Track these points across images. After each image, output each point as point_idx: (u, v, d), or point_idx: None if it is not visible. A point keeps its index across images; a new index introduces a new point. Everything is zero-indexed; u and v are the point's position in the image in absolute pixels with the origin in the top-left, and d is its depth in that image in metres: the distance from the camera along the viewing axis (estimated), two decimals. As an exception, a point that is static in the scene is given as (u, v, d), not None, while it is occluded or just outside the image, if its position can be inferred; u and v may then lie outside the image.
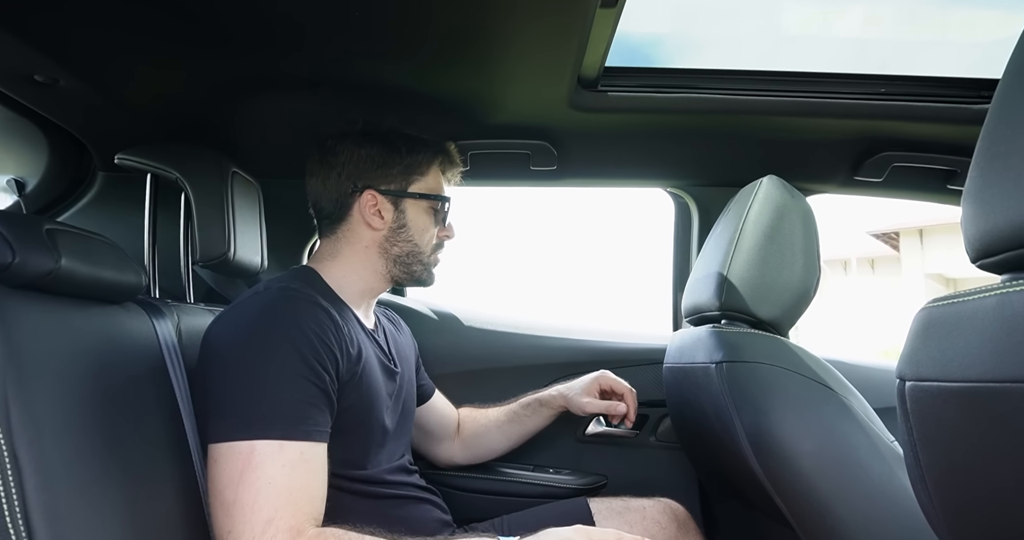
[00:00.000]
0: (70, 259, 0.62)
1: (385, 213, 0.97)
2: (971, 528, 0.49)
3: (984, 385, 0.42)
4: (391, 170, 0.98)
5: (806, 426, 0.85)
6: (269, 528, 0.68)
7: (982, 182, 0.45)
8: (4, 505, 0.49)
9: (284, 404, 0.74)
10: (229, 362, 0.77)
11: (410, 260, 0.99)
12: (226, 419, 0.73)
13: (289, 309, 0.82)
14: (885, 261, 12.45)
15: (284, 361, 0.76)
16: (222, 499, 0.70)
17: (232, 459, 0.71)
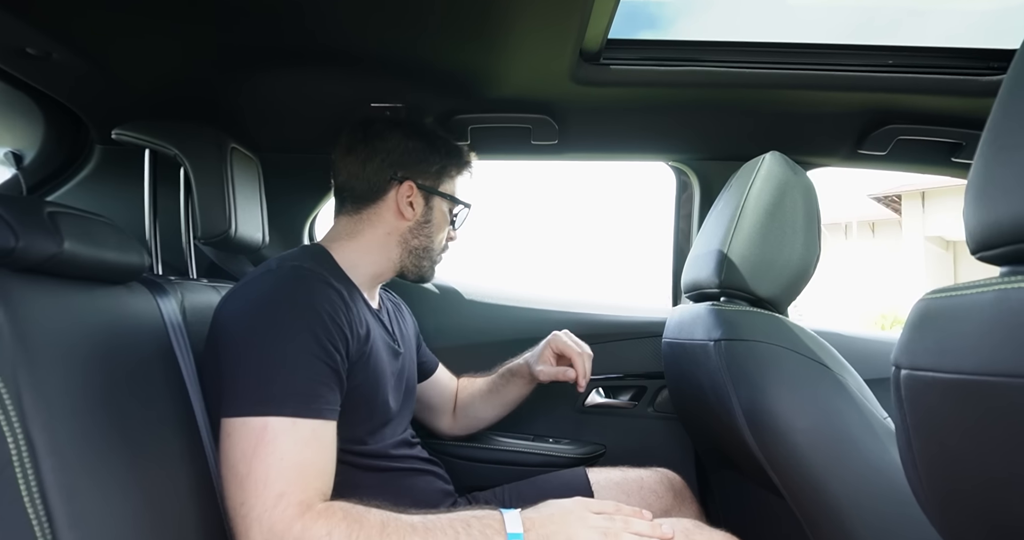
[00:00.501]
0: (73, 242, 0.62)
1: (416, 206, 1.00)
2: (958, 511, 0.51)
3: (977, 378, 0.43)
4: (430, 168, 1.01)
5: (801, 403, 0.87)
6: (280, 502, 0.70)
7: (986, 175, 0.45)
8: (22, 486, 0.50)
9: (297, 383, 0.76)
10: (242, 340, 0.78)
11: (423, 254, 1.02)
12: (240, 395, 0.75)
13: (302, 288, 0.83)
14: (886, 224, 12.43)
15: (298, 341, 0.77)
16: (235, 472, 0.72)
17: (246, 434, 0.73)
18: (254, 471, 0.71)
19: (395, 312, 1.14)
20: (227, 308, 0.84)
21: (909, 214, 11.44)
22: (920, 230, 11.18)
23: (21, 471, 0.50)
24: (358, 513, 0.74)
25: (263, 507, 0.70)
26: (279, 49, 1.02)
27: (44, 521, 0.50)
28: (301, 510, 0.71)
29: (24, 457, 0.50)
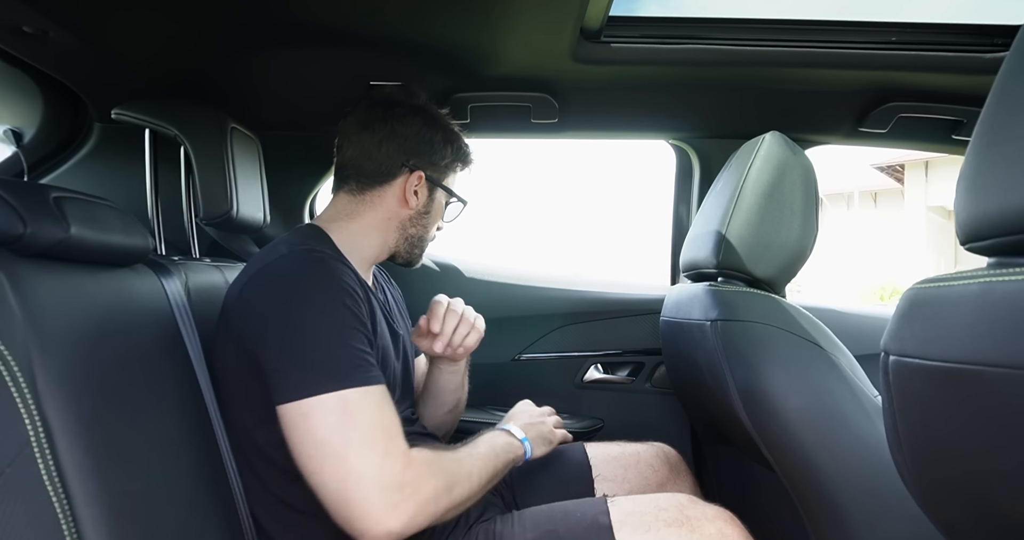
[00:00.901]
0: (79, 227, 0.63)
1: (420, 195, 1.00)
2: (939, 489, 0.53)
3: (961, 366, 0.44)
4: (441, 160, 1.01)
5: (794, 383, 0.89)
6: (387, 460, 0.73)
7: (977, 166, 0.45)
8: (41, 465, 0.51)
9: (355, 355, 0.77)
10: (287, 322, 0.77)
11: (417, 243, 1.03)
12: (306, 376, 0.75)
13: (325, 269, 0.83)
14: (888, 194, 12.36)
15: (341, 318, 0.79)
16: (330, 447, 0.72)
17: (326, 411, 0.73)
18: (351, 440, 0.73)
19: (389, 291, 1.14)
20: (251, 297, 0.82)
21: (912, 184, 11.37)
22: (922, 200, 11.13)
23: (39, 451, 0.51)
24: (436, 451, 0.82)
25: (374, 468, 0.72)
26: (279, 27, 1.01)
27: (63, 499, 0.52)
28: (406, 461, 0.75)
29: (41, 437, 0.52)
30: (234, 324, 0.81)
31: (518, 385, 1.32)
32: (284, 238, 0.94)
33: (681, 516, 0.85)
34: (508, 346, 1.46)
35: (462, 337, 1.05)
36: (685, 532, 0.83)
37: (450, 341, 1.04)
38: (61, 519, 0.51)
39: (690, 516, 0.85)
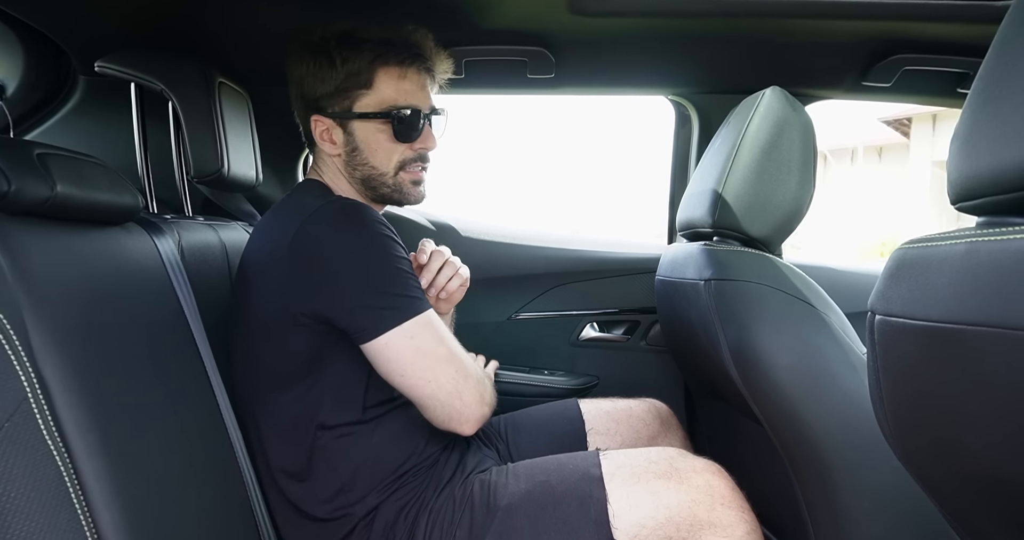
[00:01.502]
0: (65, 184, 0.62)
1: (336, 137, 0.92)
2: (920, 447, 0.55)
3: (944, 326, 0.45)
4: (329, 88, 0.89)
5: (785, 341, 0.90)
6: (468, 356, 0.87)
7: (971, 125, 0.45)
8: (39, 420, 0.52)
9: (411, 286, 0.84)
10: (349, 266, 0.81)
11: (374, 183, 0.95)
12: (397, 305, 0.81)
13: (365, 212, 0.85)
14: (893, 149, 12.19)
15: (395, 256, 0.83)
16: (440, 354, 0.83)
17: (425, 328, 0.82)
18: (452, 346, 0.84)
19: None
20: (307, 248, 0.81)
21: (918, 138, 11.18)
22: (928, 155, 10.97)
23: (36, 406, 0.52)
24: None
25: (469, 362, 0.86)
26: None
27: (64, 452, 0.53)
28: (473, 372, 0.86)
29: (38, 393, 0.52)
30: (278, 278, 0.83)
31: (514, 344, 1.34)
32: (299, 195, 0.94)
33: (671, 468, 0.87)
34: (504, 305, 1.46)
35: (446, 278, 1.06)
36: (674, 483, 0.85)
37: (434, 281, 1.04)
38: (63, 470, 0.52)
39: (679, 468, 0.87)
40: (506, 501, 0.86)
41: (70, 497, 0.53)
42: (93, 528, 0.54)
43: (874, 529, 0.88)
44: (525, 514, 0.85)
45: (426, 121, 0.94)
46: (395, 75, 0.90)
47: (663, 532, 0.83)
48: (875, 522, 0.88)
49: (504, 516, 0.85)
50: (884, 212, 11.06)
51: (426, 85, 0.94)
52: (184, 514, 0.67)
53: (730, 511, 0.84)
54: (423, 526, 0.86)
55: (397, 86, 0.90)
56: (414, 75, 0.92)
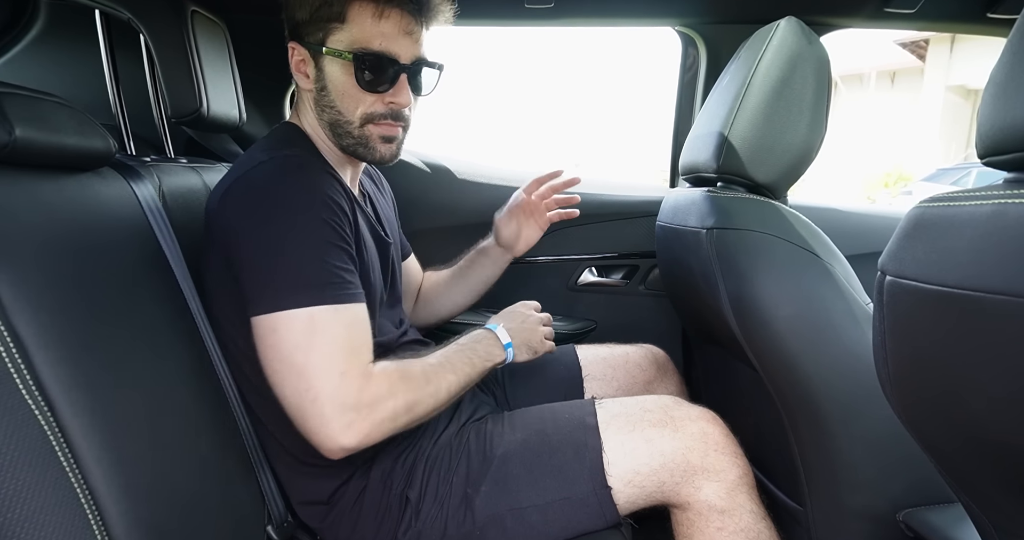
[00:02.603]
0: (25, 128, 0.58)
1: (309, 71, 0.85)
2: (922, 409, 0.54)
3: (960, 292, 0.42)
4: (305, 15, 0.82)
5: (787, 292, 0.88)
6: (345, 378, 0.74)
7: (1008, 71, 0.41)
8: (16, 379, 0.51)
9: (329, 271, 0.75)
10: (261, 235, 0.75)
11: (339, 130, 0.86)
12: (278, 290, 0.74)
13: (305, 178, 0.78)
14: (907, 74, 11.77)
15: (318, 233, 0.76)
16: (292, 362, 0.73)
17: (294, 326, 0.73)
18: (312, 359, 0.73)
19: (377, 194, 1.09)
20: (230, 208, 0.78)
21: (934, 61, 10.77)
22: (943, 79, 10.61)
23: (12, 364, 0.50)
24: (404, 367, 0.81)
25: (332, 386, 0.73)
26: None
27: (47, 412, 0.52)
28: (364, 380, 0.75)
29: (13, 351, 0.51)
30: (216, 232, 0.79)
31: (512, 288, 1.32)
32: (262, 142, 0.89)
33: (666, 416, 0.88)
34: None
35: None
36: (669, 431, 0.86)
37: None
38: (46, 428, 0.52)
39: (674, 416, 0.88)
40: (502, 449, 0.87)
41: (56, 455, 0.52)
42: (84, 483, 0.54)
43: (866, 474, 0.90)
44: (521, 462, 0.86)
45: (402, 73, 0.83)
46: (370, 12, 0.80)
47: (657, 478, 0.84)
48: (867, 467, 0.90)
49: (500, 464, 0.86)
50: (892, 142, 10.82)
51: (413, 31, 0.82)
52: (180, 465, 0.67)
53: (723, 457, 0.85)
54: (420, 473, 0.87)
55: (373, 26, 0.80)
56: (395, 17, 0.81)
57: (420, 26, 0.83)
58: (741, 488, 0.85)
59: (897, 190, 8.85)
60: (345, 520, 0.86)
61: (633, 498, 0.85)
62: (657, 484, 0.84)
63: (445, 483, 0.86)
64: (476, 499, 0.84)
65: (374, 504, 0.86)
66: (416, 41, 0.83)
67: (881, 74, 11.99)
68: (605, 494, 0.83)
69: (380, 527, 0.85)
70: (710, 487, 0.84)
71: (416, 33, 0.83)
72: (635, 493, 0.85)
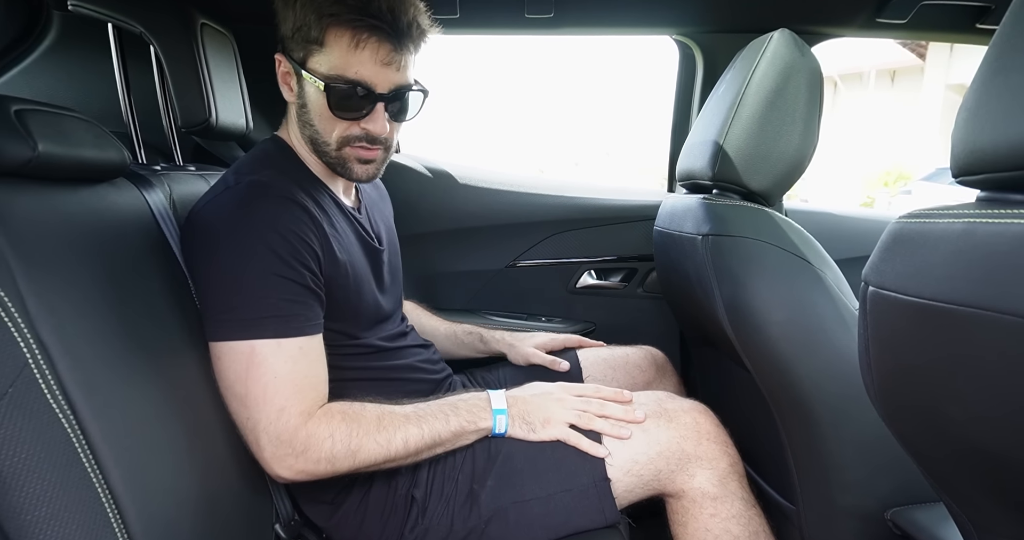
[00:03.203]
0: (47, 144, 0.60)
1: (292, 84, 0.85)
2: (905, 415, 0.56)
3: (936, 304, 0.45)
4: (288, 30, 0.81)
5: (779, 297, 0.91)
6: (282, 415, 0.75)
7: (979, 97, 0.43)
8: (42, 385, 0.53)
9: (274, 304, 0.75)
10: (213, 264, 0.77)
11: (318, 148, 0.87)
12: (222, 321, 0.75)
13: (261, 210, 0.78)
14: (907, 72, 11.75)
15: (265, 264, 0.75)
16: (234, 392, 0.76)
17: (235, 358, 0.75)
18: (251, 391, 0.74)
19: (377, 200, 1.10)
20: (190, 231, 0.81)
21: (934, 60, 10.76)
22: (943, 78, 10.60)
23: (38, 371, 0.53)
24: (355, 412, 0.80)
25: (267, 421, 0.75)
26: None
27: (70, 415, 0.54)
28: (303, 419, 0.76)
29: (38, 357, 0.53)
30: (183, 250, 0.81)
31: (513, 291, 1.34)
32: (244, 159, 0.90)
33: (660, 409, 0.92)
34: (503, 253, 1.46)
35: None
36: (664, 422, 0.90)
37: None
38: (69, 432, 0.54)
39: (668, 409, 0.92)
40: (507, 447, 0.90)
41: (79, 456, 0.54)
42: (104, 484, 0.56)
43: (856, 475, 0.93)
44: (524, 456, 0.89)
45: (378, 101, 0.82)
46: (347, 40, 0.78)
47: (654, 466, 0.88)
48: (857, 468, 0.92)
49: (505, 459, 0.89)
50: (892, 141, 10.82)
51: (392, 61, 0.80)
52: (192, 465, 0.69)
53: (715, 445, 0.89)
54: (425, 473, 0.89)
55: (350, 54, 0.78)
56: (373, 46, 0.78)
57: (400, 54, 0.80)
58: (732, 476, 0.89)
59: (896, 189, 8.84)
60: (351, 519, 0.89)
61: (632, 487, 0.88)
62: (654, 472, 0.88)
63: (451, 481, 0.89)
64: (482, 494, 0.86)
65: (379, 504, 0.89)
66: (397, 69, 0.81)
67: (881, 72, 11.98)
68: (604, 486, 0.86)
69: (386, 526, 0.88)
70: (703, 475, 0.87)
71: (396, 62, 0.80)
72: (633, 482, 0.88)
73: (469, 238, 1.32)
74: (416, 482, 0.89)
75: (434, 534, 0.86)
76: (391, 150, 0.90)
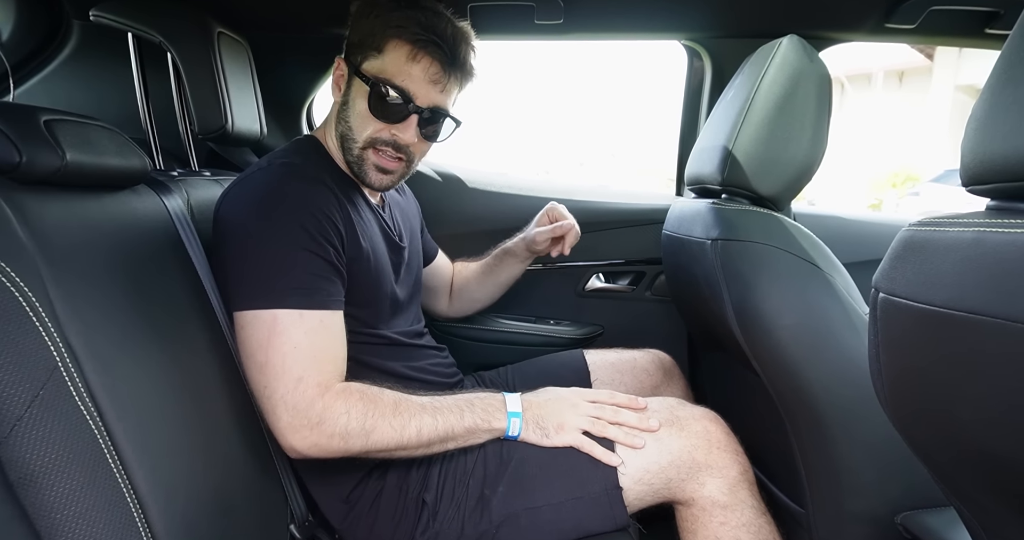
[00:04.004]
0: (75, 152, 0.62)
1: (342, 85, 0.93)
2: (916, 420, 0.57)
3: (946, 311, 0.46)
4: (355, 38, 0.90)
5: (789, 302, 0.91)
6: (300, 385, 0.77)
7: (988, 107, 0.44)
8: (71, 387, 0.54)
9: (298, 277, 0.80)
10: (242, 238, 0.81)
11: (345, 144, 0.93)
12: (248, 290, 0.79)
13: (291, 187, 0.83)
14: (915, 73, 11.70)
15: (292, 237, 0.80)
16: (254, 360, 0.79)
17: (258, 326, 0.78)
18: (271, 359, 0.78)
19: (400, 201, 1.13)
20: (224, 208, 0.85)
21: (943, 61, 10.71)
22: (951, 79, 10.54)
23: (67, 374, 0.54)
24: (373, 394, 0.82)
25: (285, 390, 0.77)
26: None
27: (96, 416, 0.56)
28: (320, 391, 0.78)
29: (67, 361, 0.54)
30: (215, 232, 0.85)
31: (521, 294, 1.35)
32: (273, 151, 0.94)
33: (672, 416, 0.92)
34: None
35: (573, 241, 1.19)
36: (675, 430, 0.90)
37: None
38: (96, 433, 0.55)
39: (679, 416, 0.92)
40: (518, 452, 0.90)
41: (105, 457, 0.55)
42: (129, 484, 0.57)
43: (866, 478, 0.93)
44: (537, 463, 0.89)
45: (414, 113, 0.89)
46: (405, 52, 0.86)
47: (665, 475, 0.88)
48: (867, 472, 0.93)
49: (517, 465, 0.89)
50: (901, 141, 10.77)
51: (439, 81, 0.88)
52: (211, 465, 0.71)
53: (725, 454, 0.89)
54: (436, 477, 0.90)
55: (404, 64, 0.87)
56: (426, 62, 0.86)
57: (447, 77, 0.88)
58: (742, 484, 0.89)
59: (905, 191, 8.80)
60: (363, 521, 0.90)
61: (642, 495, 0.89)
62: (665, 481, 0.88)
63: (462, 485, 0.89)
64: (493, 499, 0.87)
65: (390, 507, 0.90)
66: (440, 90, 0.89)
67: (889, 73, 11.93)
68: (616, 494, 0.87)
69: (397, 529, 0.89)
70: (713, 483, 0.88)
71: (442, 83, 0.88)
72: (644, 490, 0.88)
73: (478, 241, 1.33)
74: (427, 486, 0.90)
75: (445, 537, 0.87)
76: (412, 166, 0.95)
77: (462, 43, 0.89)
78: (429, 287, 1.29)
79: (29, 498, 0.50)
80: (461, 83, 0.92)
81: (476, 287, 1.32)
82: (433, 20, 0.86)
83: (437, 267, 1.30)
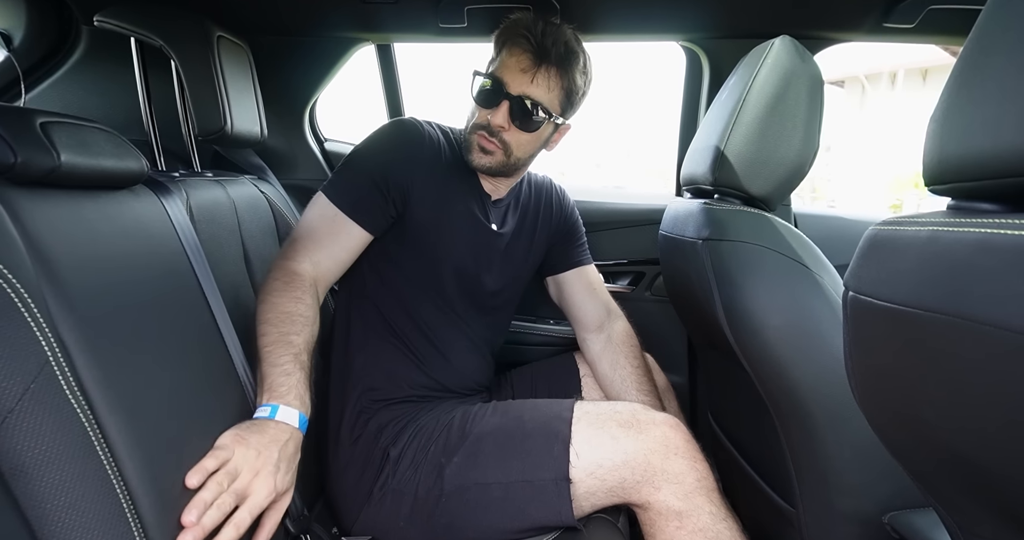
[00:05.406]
0: (69, 154, 0.64)
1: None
2: (885, 416, 0.57)
3: (906, 309, 0.46)
4: (493, 54, 1.04)
5: (778, 302, 0.91)
6: (289, 247, 0.97)
7: (946, 107, 0.44)
8: (61, 380, 0.56)
9: (348, 181, 1.00)
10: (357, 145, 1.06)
11: (464, 129, 1.07)
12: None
13: (409, 130, 1.05)
14: (939, 71, 11.45)
15: (370, 161, 1.02)
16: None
17: (313, 201, 1.02)
18: (296, 229, 1.01)
19: (531, 204, 1.18)
20: None
21: (966, 58, 10.47)
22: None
23: (58, 368, 0.56)
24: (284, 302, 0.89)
25: (284, 246, 0.99)
26: None
27: (87, 410, 0.57)
28: (286, 259, 0.95)
29: (58, 355, 0.56)
30: None
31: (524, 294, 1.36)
32: None
33: (632, 419, 0.95)
34: None
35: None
36: (633, 432, 0.92)
37: None
38: (87, 426, 0.57)
39: (640, 420, 0.95)
40: (479, 429, 0.95)
41: (95, 449, 0.57)
42: (119, 476, 0.58)
43: (854, 478, 0.93)
44: (494, 442, 0.93)
45: (504, 99, 0.99)
46: (507, 50, 1.00)
47: (619, 474, 0.90)
48: (855, 471, 0.92)
49: (475, 440, 0.93)
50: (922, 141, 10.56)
51: (527, 69, 0.98)
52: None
53: (683, 461, 0.90)
54: (406, 436, 0.97)
55: (503, 58, 1.00)
56: (517, 53, 0.98)
57: (536, 67, 0.98)
58: (699, 491, 0.90)
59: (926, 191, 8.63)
60: (340, 456, 0.98)
61: (594, 490, 0.90)
62: (618, 480, 0.90)
63: (423, 450, 0.94)
64: (447, 469, 0.91)
65: (363, 452, 0.96)
66: (531, 80, 0.98)
67: (910, 71, 11.72)
68: (564, 486, 0.89)
69: (362, 476, 0.95)
70: (669, 488, 0.89)
71: (531, 72, 0.98)
72: (596, 485, 0.90)
73: None
74: (396, 441, 0.96)
75: (397, 497, 0.92)
76: (511, 157, 1.03)
77: (549, 35, 0.97)
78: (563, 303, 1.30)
79: (20, 488, 0.52)
80: (560, 80, 0.99)
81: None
82: (531, 21, 0.99)
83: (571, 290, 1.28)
